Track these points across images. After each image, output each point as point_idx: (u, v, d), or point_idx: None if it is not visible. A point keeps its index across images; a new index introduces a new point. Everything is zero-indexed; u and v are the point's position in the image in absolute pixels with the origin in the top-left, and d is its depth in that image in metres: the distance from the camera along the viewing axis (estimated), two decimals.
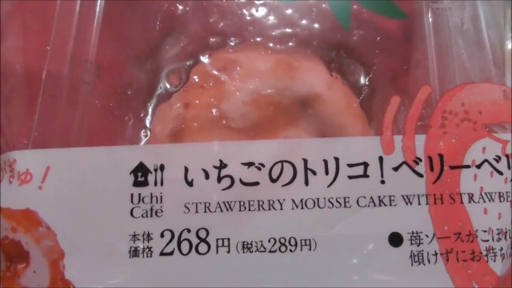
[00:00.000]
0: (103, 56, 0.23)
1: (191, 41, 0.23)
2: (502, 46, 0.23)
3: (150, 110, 0.22)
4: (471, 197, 0.20)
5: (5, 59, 0.22)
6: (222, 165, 0.20)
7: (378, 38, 0.22)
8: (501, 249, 0.20)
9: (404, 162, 0.20)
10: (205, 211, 0.20)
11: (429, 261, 0.20)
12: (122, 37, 0.23)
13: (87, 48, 0.22)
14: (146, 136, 0.22)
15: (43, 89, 0.22)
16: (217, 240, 0.20)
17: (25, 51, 0.23)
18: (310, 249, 0.20)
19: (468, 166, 0.21)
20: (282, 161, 0.20)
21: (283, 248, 0.20)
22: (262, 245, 0.20)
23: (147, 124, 0.22)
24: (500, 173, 0.21)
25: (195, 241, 0.20)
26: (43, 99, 0.22)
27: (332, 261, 0.20)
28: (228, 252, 0.20)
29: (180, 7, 0.23)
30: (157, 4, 0.23)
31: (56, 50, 0.22)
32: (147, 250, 0.20)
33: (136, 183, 0.20)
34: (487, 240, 0.20)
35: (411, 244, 0.20)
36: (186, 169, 0.20)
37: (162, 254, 0.20)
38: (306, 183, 0.20)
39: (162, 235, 0.20)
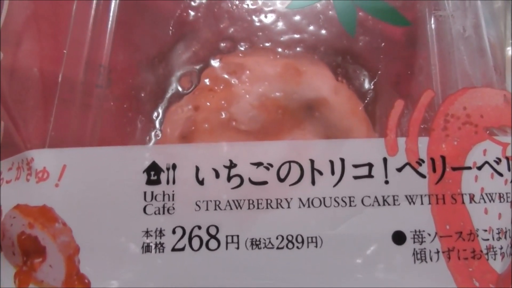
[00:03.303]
0: (116, 60, 0.23)
1: (202, 46, 0.23)
2: (503, 52, 0.24)
3: (161, 112, 0.22)
4: (472, 198, 0.21)
5: (23, 62, 0.23)
6: (232, 165, 0.21)
7: (383, 44, 0.23)
8: (501, 248, 0.21)
9: (407, 163, 0.21)
10: (215, 209, 0.20)
11: (431, 259, 0.20)
12: (135, 42, 0.24)
13: (101, 53, 0.23)
14: (157, 137, 0.22)
15: (59, 92, 0.22)
16: (226, 236, 0.20)
17: (41, 55, 0.23)
18: (316, 247, 0.20)
19: (469, 168, 0.21)
20: (289, 162, 0.21)
21: (290, 245, 0.20)
22: (270, 242, 0.20)
23: (158, 126, 0.22)
24: (501, 174, 0.21)
25: (205, 237, 0.20)
26: (59, 102, 0.22)
27: (338, 258, 0.20)
28: (237, 248, 0.20)
29: (192, 13, 0.24)
30: (170, 11, 0.24)
31: (72, 55, 0.23)
32: (159, 246, 0.20)
33: (149, 182, 0.21)
34: (488, 239, 0.21)
35: (414, 242, 0.20)
36: (197, 169, 0.21)
37: (173, 250, 0.20)
38: (313, 182, 0.21)
39: (174, 232, 0.20)
